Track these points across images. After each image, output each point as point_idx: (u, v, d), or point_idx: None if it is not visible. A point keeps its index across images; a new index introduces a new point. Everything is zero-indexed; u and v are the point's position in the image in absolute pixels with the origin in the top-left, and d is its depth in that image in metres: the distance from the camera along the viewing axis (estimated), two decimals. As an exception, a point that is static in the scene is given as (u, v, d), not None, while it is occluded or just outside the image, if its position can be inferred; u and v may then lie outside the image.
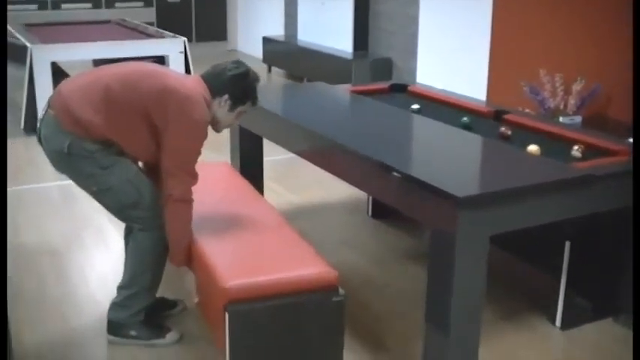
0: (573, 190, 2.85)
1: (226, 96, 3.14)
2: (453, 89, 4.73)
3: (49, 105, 3.14)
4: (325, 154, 3.46)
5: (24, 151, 6.27)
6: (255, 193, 3.72)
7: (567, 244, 3.32)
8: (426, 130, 3.67)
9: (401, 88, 4.62)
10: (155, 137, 3.07)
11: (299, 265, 2.86)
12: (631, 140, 3.52)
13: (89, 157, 3.05)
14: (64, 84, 3.20)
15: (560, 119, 5.28)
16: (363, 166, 3.13)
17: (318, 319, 2.80)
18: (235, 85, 3.15)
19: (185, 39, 7.33)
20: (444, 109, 4.17)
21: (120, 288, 3.31)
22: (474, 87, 6.44)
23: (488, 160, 3.26)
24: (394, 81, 4.97)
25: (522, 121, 3.81)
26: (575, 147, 3.31)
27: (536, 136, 3.60)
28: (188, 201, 3.10)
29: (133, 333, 3.29)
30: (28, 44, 6.75)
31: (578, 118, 5.35)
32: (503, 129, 3.62)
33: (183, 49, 7.24)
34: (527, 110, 5.49)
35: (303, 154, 3.70)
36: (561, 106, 5.44)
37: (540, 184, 2.76)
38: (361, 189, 3.46)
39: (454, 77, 6.84)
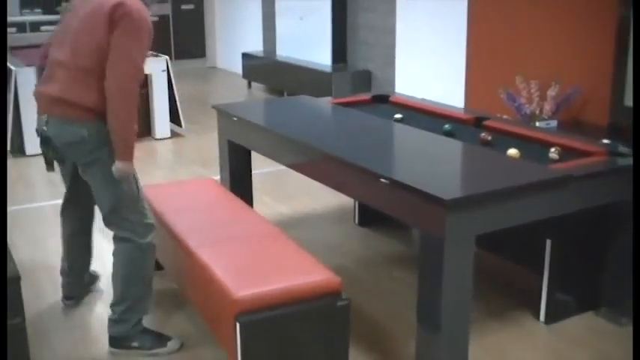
0: (553, 190, 3.00)
1: None
2: (432, 98, 4.89)
3: (42, 112, 3.29)
4: (315, 165, 3.60)
5: (13, 172, 6.35)
6: (246, 205, 3.84)
7: (548, 242, 3.47)
8: (410, 137, 3.82)
9: (383, 99, 4.77)
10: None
11: (303, 274, 2.98)
12: (606, 141, 3.69)
13: (106, 145, 3.16)
14: (41, 87, 3.33)
15: (537, 124, 5.45)
16: (352, 174, 3.28)
17: (324, 323, 2.92)
18: None
19: (167, 57, 7.45)
20: (426, 117, 4.33)
21: (113, 305, 3.39)
22: (452, 95, 6.61)
23: (472, 165, 3.42)
24: (374, 92, 5.13)
25: (502, 126, 3.98)
26: (553, 149, 3.47)
27: (516, 140, 3.77)
28: (126, 87, 3.09)
29: (135, 344, 3.39)
30: (12, 67, 6.84)
31: (553, 123, 5.53)
32: (483, 134, 3.78)
33: (165, 68, 7.36)
34: (505, 116, 5.66)
35: (293, 165, 3.84)
36: (537, 112, 5.61)
37: (522, 186, 2.92)
38: (351, 196, 3.61)
39: (433, 86, 7.01)
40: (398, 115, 4.25)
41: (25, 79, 6.72)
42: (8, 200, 5.56)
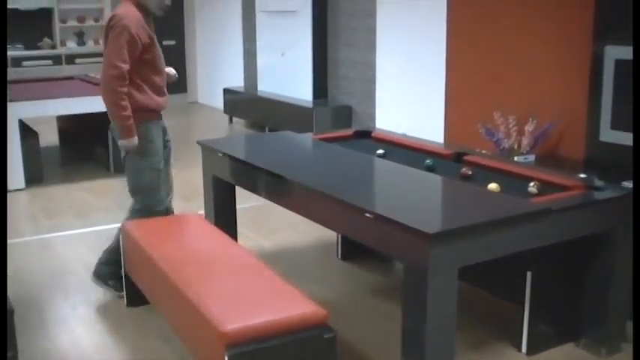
0: (533, 223, 3.09)
1: None
2: (413, 132, 4.99)
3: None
4: (299, 200, 3.67)
5: (-5, 207, 6.36)
6: (231, 240, 3.89)
7: (529, 274, 3.55)
8: (392, 172, 3.91)
9: (365, 134, 4.86)
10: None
11: (290, 306, 3.02)
12: (582, 175, 3.79)
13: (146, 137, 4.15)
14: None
15: (515, 158, 5.57)
16: (337, 209, 3.35)
17: (311, 355, 2.95)
18: None
19: (150, 93, 7.50)
20: (408, 152, 4.42)
21: (106, 251, 4.44)
22: (432, 130, 6.72)
23: (454, 198, 3.50)
24: (355, 127, 5.22)
25: (481, 161, 4.08)
26: (532, 184, 3.57)
27: (496, 174, 3.87)
28: (105, 85, 4.01)
29: (110, 283, 4.39)
30: (-5, 102, 6.87)
31: (531, 157, 5.64)
32: (464, 169, 3.88)
33: (148, 103, 7.41)
34: (484, 151, 5.77)
35: (278, 200, 3.91)
36: (515, 146, 5.73)
37: (503, 219, 3.01)
38: (335, 230, 3.67)
39: (413, 121, 7.13)
40: (380, 151, 4.34)
41: (8, 114, 6.75)
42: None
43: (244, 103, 10.07)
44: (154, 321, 4.00)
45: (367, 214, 3.08)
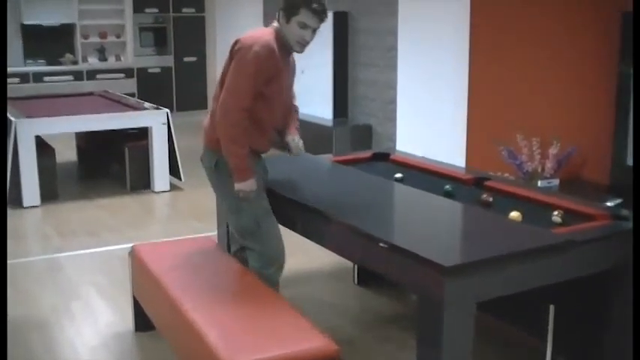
0: (555, 255, 2.93)
1: (281, 12, 3.56)
2: (433, 155, 4.85)
3: None
4: (312, 225, 3.54)
5: (9, 224, 6.29)
6: (240, 266, 3.75)
7: (552, 307, 3.39)
8: (409, 198, 3.77)
9: (383, 157, 4.73)
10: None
11: (300, 340, 2.88)
12: (608, 204, 3.63)
13: (231, 176, 3.58)
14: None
15: (539, 183, 5.41)
16: (350, 236, 3.21)
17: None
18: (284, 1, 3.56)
19: (168, 110, 7.45)
20: (427, 177, 4.28)
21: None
22: (453, 152, 6.59)
23: (472, 228, 3.35)
24: (375, 147, 5.09)
25: (503, 187, 3.92)
26: (555, 212, 3.41)
27: (517, 201, 3.71)
28: (226, 116, 3.49)
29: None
30: (12, 118, 6.83)
31: (555, 181, 5.49)
32: (484, 196, 3.73)
33: (166, 121, 7.35)
34: (506, 174, 5.63)
35: (290, 225, 3.78)
36: (539, 170, 5.57)
37: (523, 252, 2.85)
38: (349, 259, 3.52)
39: (433, 143, 6.99)
40: (398, 175, 4.20)
41: (24, 131, 6.71)
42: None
43: (264, 121, 9.95)
44: (162, 348, 3.88)
45: (381, 244, 2.95)
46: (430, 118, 7.25)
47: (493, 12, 6.27)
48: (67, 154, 9.00)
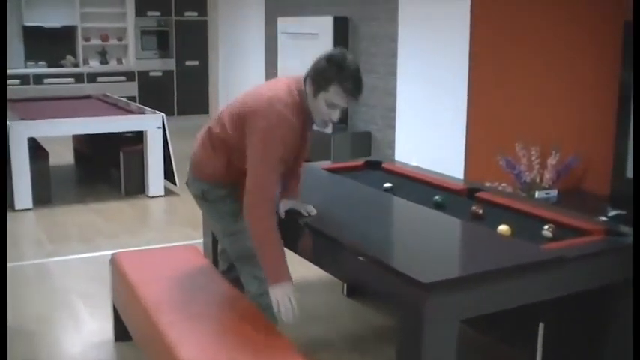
0: (543, 272, 2.80)
1: (309, 80, 3.01)
2: (432, 163, 4.72)
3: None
4: (294, 236, 3.41)
5: None
6: (222, 278, 3.62)
7: (541, 325, 3.26)
8: (397, 210, 3.65)
9: (375, 165, 4.60)
10: None
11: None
12: (603, 219, 3.50)
13: (221, 202, 3.32)
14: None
15: (537, 194, 5.27)
16: (329, 249, 3.09)
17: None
18: (315, 66, 2.98)
19: (163, 115, 7.34)
20: (418, 186, 4.15)
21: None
22: (452, 161, 6.46)
23: (458, 243, 3.22)
24: (374, 154, 4.97)
25: (494, 199, 3.79)
26: (546, 227, 3.28)
27: (509, 214, 3.58)
28: (257, 208, 2.98)
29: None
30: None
31: (553, 192, 5.34)
32: (475, 208, 3.59)
33: (161, 125, 7.24)
34: (504, 185, 5.50)
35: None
36: (538, 180, 5.44)
37: (508, 268, 2.72)
38: (328, 271, 3.37)
39: (432, 151, 6.86)
40: (387, 185, 4.07)
41: (16, 133, 6.62)
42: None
43: (264, 127, 9.84)
44: (140, 358, 3.76)
45: (360, 257, 2.82)
46: (429, 125, 7.12)
47: (494, 19, 6.15)
48: (65, 157, 8.91)
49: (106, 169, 8.09)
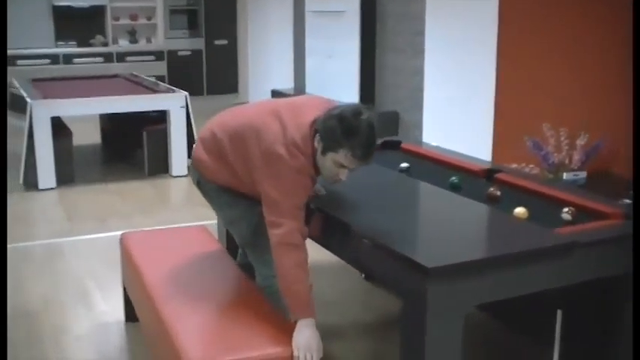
0: (556, 258, 2.66)
1: (318, 136, 2.81)
2: (459, 143, 4.55)
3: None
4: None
5: (19, 206, 6.18)
6: (230, 260, 3.52)
7: (559, 312, 3.11)
8: (411, 191, 3.51)
9: (393, 145, 4.46)
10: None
11: (268, 345, 2.66)
12: (627, 201, 3.34)
13: (215, 193, 3.22)
14: (208, 124, 3.25)
15: (565, 175, 5.10)
16: (337, 232, 2.98)
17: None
18: (325, 123, 2.77)
19: (187, 94, 7.27)
20: (435, 167, 4.01)
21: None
22: (479, 141, 6.29)
23: (470, 226, 3.07)
24: (401, 135, 4.82)
25: (513, 180, 3.62)
26: (565, 209, 3.12)
27: (527, 196, 3.42)
28: (287, 245, 2.79)
29: None
30: (28, 99, 6.73)
31: (582, 174, 5.15)
32: (492, 189, 3.44)
33: (184, 104, 7.17)
34: (531, 166, 5.32)
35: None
36: (566, 161, 5.25)
37: (518, 254, 2.58)
38: (335, 254, 3.25)
39: (459, 131, 6.69)
40: (404, 165, 3.93)
41: (39, 112, 6.59)
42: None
43: (292, 106, 9.74)
44: (143, 339, 3.70)
45: (364, 240, 2.70)
46: (457, 106, 6.94)
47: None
48: (93, 137, 8.90)
49: (131, 148, 8.05)
